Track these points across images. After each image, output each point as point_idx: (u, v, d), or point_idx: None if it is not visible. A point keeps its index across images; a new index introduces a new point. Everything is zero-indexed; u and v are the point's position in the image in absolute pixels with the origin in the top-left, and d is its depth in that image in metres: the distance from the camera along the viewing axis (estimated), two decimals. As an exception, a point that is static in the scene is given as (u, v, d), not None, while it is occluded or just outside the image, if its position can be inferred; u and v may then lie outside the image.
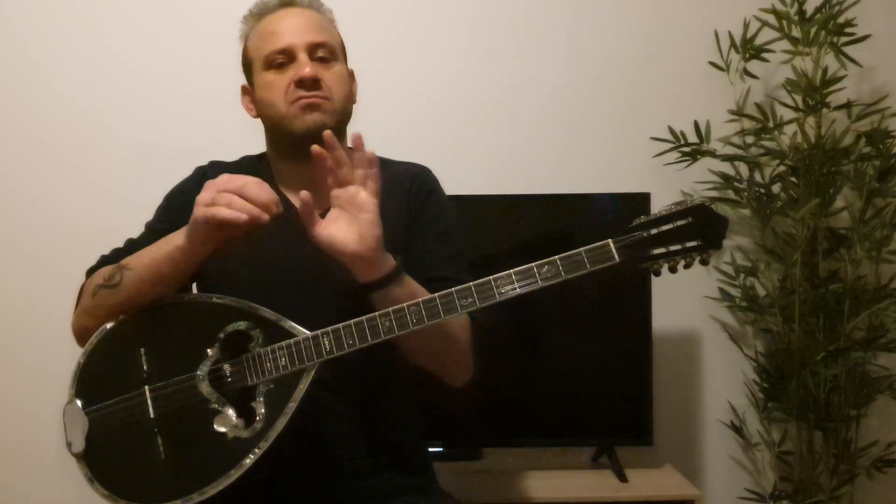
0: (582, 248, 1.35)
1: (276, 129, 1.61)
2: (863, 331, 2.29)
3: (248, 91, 1.67)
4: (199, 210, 1.38)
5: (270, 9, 1.64)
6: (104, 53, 2.41)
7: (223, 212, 1.36)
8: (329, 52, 1.60)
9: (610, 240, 1.36)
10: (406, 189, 1.66)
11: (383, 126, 2.22)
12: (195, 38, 2.41)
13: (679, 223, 1.36)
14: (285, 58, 1.57)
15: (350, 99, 1.65)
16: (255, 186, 1.38)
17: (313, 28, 1.60)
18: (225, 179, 1.39)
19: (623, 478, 2.22)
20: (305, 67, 1.55)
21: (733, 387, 2.47)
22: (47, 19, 2.41)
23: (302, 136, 1.55)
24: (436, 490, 1.68)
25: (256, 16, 1.65)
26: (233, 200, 1.36)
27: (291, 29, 1.58)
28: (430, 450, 1.79)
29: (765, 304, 2.37)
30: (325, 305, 1.45)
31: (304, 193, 1.40)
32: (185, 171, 1.73)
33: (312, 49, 1.58)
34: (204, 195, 1.39)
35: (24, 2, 2.40)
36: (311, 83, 1.55)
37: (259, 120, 1.66)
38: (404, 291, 1.42)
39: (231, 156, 1.74)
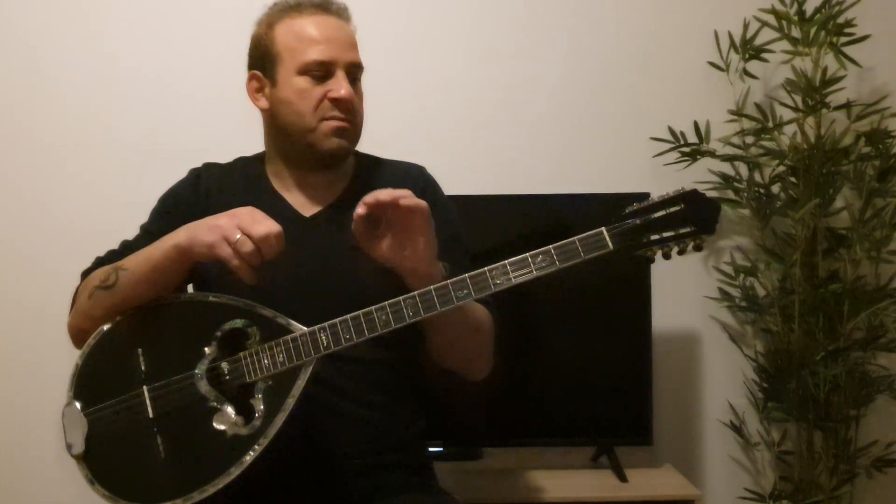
0: (575, 237, 1.36)
1: (294, 137, 1.59)
2: (862, 331, 2.29)
3: (262, 81, 1.63)
4: (209, 233, 1.38)
5: (307, 8, 1.60)
6: (104, 53, 2.41)
7: (225, 251, 1.36)
8: (359, 73, 1.62)
9: (603, 227, 1.36)
10: (408, 188, 1.66)
11: (383, 126, 2.23)
12: (195, 39, 2.41)
13: (671, 209, 1.37)
14: (323, 70, 1.56)
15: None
16: (272, 241, 1.37)
17: (353, 46, 1.61)
18: (249, 222, 1.37)
19: (623, 478, 2.22)
20: (344, 89, 1.55)
21: (733, 387, 2.47)
22: (47, 19, 2.41)
23: (324, 154, 1.58)
24: (436, 490, 1.68)
25: (293, 8, 1.60)
26: (241, 246, 1.36)
27: (335, 42, 1.57)
28: (430, 450, 1.79)
29: (764, 304, 2.37)
30: (324, 305, 1.45)
31: (359, 211, 1.38)
32: (181, 172, 1.73)
33: (351, 69, 1.58)
34: (225, 227, 1.38)
35: (25, 2, 2.41)
36: (348, 105, 1.56)
37: (257, 113, 1.65)
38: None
39: (230, 156, 1.75)
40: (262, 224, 1.38)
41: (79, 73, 2.41)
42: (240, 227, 1.37)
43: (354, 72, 1.60)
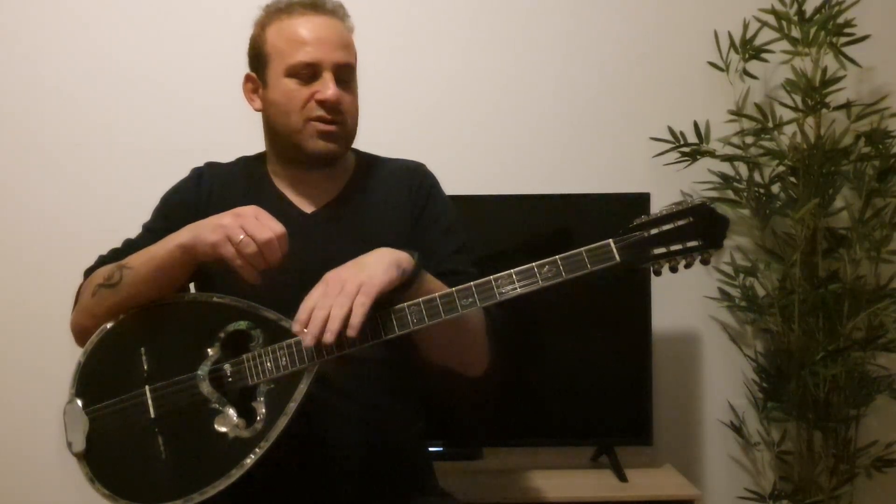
0: (582, 248, 1.35)
1: (283, 138, 1.60)
2: (862, 331, 2.29)
3: (256, 82, 1.64)
4: (213, 233, 1.38)
5: (298, 8, 1.60)
6: (104, 54, 2.41)
7: (228, 251, 1.37)
8: (350, 73, 1.60)
9: (610, 240, 1.36)
10: (406, 184, 1.67)
11: (383, 126, 2.24)
12: (194, 39, 2.41)
13: (680, 223, 1.36)
14: (310, 71, 1.56)
15: (358, 117, 1.64)
16: (275, 246, 1.37)
17: (342, 46, 1.58)
18: (253, 225, 1.37)
19: (623, 478, 2.23)
20: (330, 90, 1.54)
21: (733, 387, 2.47)
22: (47, 20, 2.41)
23: (311, 156, 1.58)
24: (436, 490, 1.68)
25: (284, 10, 1.60)
26: (245, 248, 1.36)
27: (321, 42, 1.56)
28: (431, 450, 1.79)
29: (764, 304, 2.37)
30: None
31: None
32: (183, 172, 1.73)
33: (339, 70, 1.57)
34: (229, 227, 1.38)
35: (24, 3, 2.40)
36: (334, 106, 1.55)
37: (258, 113, 1.65)
38: (427, 287, 1.43)
39: (230, 156, 1.75)
40: (266, 226, 1.37)
41: (79, 73, 2.40)
42: (243, 227, 1.37)
43: (344, 72, 1.58)
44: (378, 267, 1.38)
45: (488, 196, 2.30)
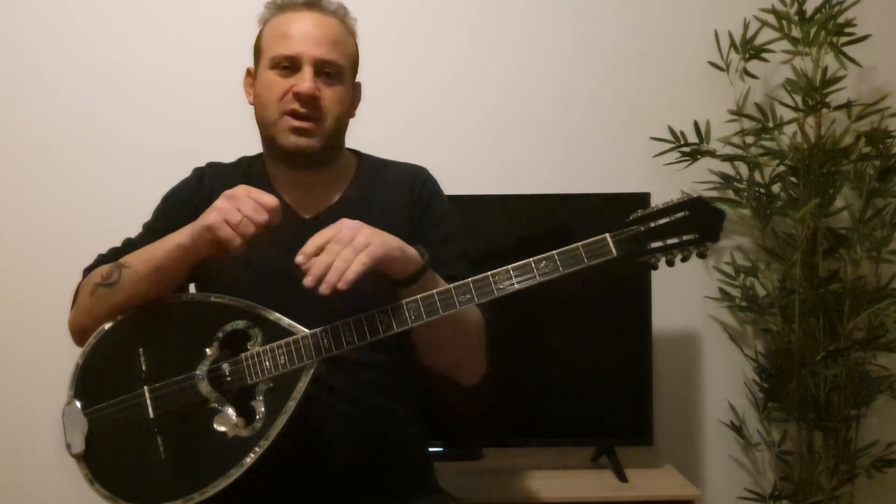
0: (579, 243, 1.36)
1: (263, 131, 1.62)
2: (863, 331, 2.29)
3: (252, 76, 1.66)
4: (209, 215, 1.38)
5: (295, 6, 1.61)
6: (103, 54, 2.41)
7: (226, 232, 1.36)
8: (335, 70, 1.58)
9: (607, 234, 1.37)
10: (407, 189, 1.67)
11: (384, 126, 2.24)
12: (194, 39, 2.41)
13: (676, 216, 1.37)
14: (291, 64, 1.56)
15: (346, 116, 1.63)
16: (269, 223, 1.38)
17: (327, 42, 1.58)
18: (250, 207, 1.37)
19: (623, 478, 2.22)
20: (307, 83, 1.54)
21: (733, 387, 2.47)
22: (46, 20, 2.41)
23: (284, 151, 1.58)
24: (436, 490, 1.68)
25: (280, 6, 1.63)
26: (245, 229, 1.36)
27: (305, 37, 1.56)
28: (430, 450, 1.79)
29: (765, 304, 2.37)
30: (323, 306, 1.45)
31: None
32: (184, 172, 1.73)
33: (319, 65, 1.56)
34: (226, 210, 1.38)
35: (24, 3, 2.40)
36: (308, 100, 1.54)
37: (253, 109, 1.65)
38: (433, 283, 1.42)
39: (229, 156, 1.75)
40: (260, 206, 1.37)
41: (79, 73, 2.40)
42: (240, 210, 1.37)
43: (326, 68, 1.57)
44: (390, 240, 1.39)
45: (488, 196, 2.29)
